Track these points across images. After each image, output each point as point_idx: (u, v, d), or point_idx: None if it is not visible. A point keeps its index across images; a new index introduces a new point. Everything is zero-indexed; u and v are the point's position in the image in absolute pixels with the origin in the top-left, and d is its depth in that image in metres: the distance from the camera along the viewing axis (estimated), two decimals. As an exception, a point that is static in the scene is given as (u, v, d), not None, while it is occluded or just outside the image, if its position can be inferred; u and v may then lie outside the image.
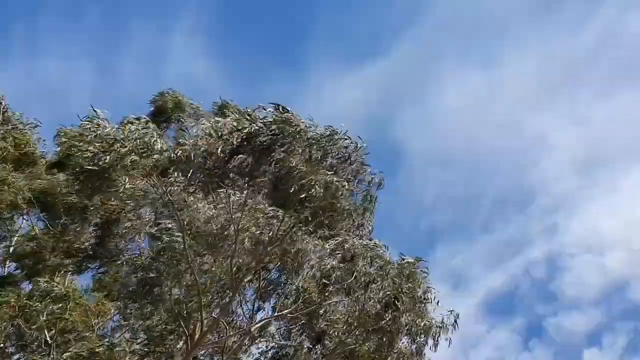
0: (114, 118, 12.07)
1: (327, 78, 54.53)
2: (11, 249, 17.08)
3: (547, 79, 55.77)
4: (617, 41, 53.48)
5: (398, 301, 13.27)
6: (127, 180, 11.78)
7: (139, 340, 16.18)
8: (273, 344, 16.66)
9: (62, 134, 15.23)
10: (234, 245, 12.73)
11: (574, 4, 51.87)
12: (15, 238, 17.23)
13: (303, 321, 15.72)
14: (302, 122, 11.40)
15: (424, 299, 14.53)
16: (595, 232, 51.98)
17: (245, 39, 52.24)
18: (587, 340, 49.07)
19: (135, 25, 52.49)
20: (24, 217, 17.17)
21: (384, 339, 14.34)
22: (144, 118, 12.66)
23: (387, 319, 13.34)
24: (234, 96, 11.59)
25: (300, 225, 12.55)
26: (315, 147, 11.28)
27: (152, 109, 16.70)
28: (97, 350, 15.03)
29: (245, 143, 11.28)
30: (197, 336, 14.61)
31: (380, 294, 13.34)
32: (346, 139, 11.77)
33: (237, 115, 12.16)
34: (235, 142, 11.45)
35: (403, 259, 14.34)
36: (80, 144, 11.54)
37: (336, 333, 15.34)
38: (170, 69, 50.24)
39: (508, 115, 55.92)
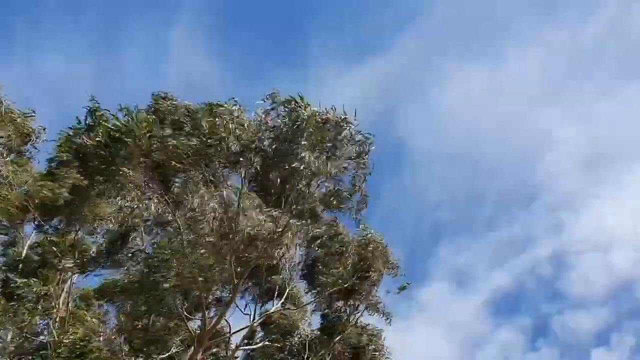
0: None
1: (327, 75, 54.17)
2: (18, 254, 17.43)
3: (551, 75, 55.34)
4: (621, 36, 52.90)
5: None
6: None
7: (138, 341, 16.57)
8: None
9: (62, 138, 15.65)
10: (234, 241, 13.30)
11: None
12: (23, 242, 17.57)
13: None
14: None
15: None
16: (601, 229, 51.16)
17: (246, 35, 52.01)
18: (595, 340, 48.54)
19: (136, 22, 52.22)
20: (31, 222, 17.46)
21: None
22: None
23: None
24: (234, 92, 12.03)
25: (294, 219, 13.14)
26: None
27: (150, 110, 16.86)
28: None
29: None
30: (201, 333, 14.99)
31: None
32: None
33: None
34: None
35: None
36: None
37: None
38: (170, 65, 49.95)
39: (511, 112, 55.39)
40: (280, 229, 12.92)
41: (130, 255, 15.58)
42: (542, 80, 55.54)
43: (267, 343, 17.33)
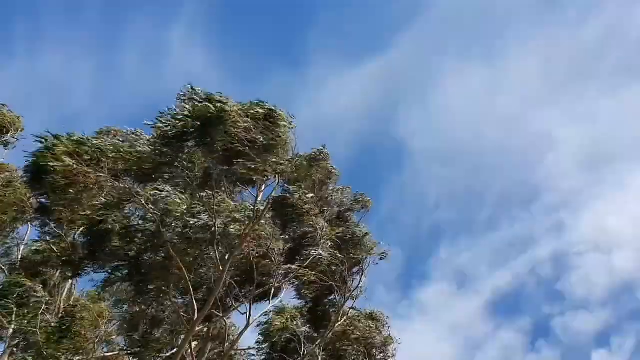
0: (115, 113, 12.92)
1: (327, 74, 54.21)
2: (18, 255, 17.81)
3: (551, 74, 54.25)
4: (621, 36, 51.47)
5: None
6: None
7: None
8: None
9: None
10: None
11: (577, -1, 49.09)
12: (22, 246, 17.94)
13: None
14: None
15: None
16: (602, 230, 50.08)
17: (245, 35, 52.50)
18: (596, 341, 47.96)
19: (136, 21, 53.24)
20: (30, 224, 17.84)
21: None
22: None
23: None
24: (234, 92, 12.31)
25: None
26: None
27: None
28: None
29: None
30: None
31: None
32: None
33: None
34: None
35: None
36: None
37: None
38: (169, 65, 50.63)
39: (512, 112, 54.51)
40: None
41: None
42: (542, 79, 54.66)
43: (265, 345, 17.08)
